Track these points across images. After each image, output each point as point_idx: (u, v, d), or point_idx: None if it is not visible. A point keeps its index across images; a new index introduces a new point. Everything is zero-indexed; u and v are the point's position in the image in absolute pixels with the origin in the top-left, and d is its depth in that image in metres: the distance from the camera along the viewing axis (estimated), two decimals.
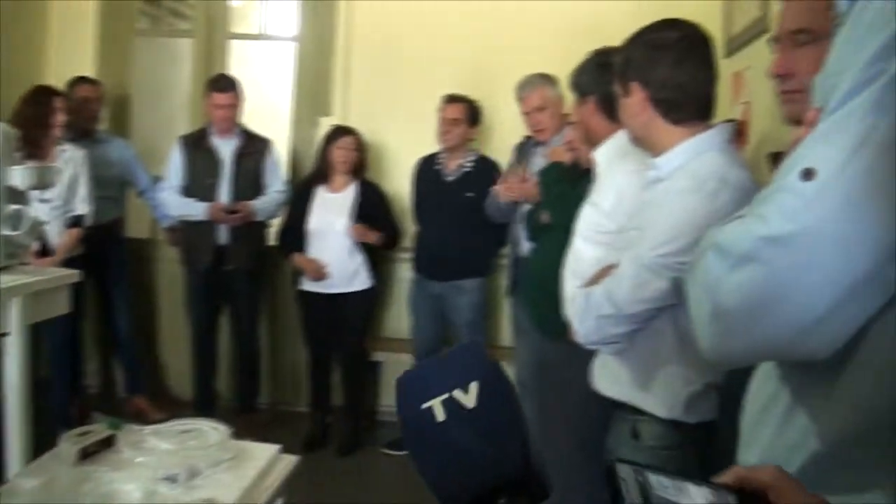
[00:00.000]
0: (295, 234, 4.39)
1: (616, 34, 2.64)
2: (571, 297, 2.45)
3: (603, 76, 2.50)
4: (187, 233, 4.50)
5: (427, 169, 4.44)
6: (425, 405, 0.72)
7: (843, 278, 0.81)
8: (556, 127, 3.67)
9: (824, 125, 0.83)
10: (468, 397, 0.71)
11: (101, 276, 4.54)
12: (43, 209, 3.92)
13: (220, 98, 4.35)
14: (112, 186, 4.61)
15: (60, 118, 4.02)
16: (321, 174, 4.42)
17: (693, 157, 1.86)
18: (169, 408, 4.64)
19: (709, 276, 0.89)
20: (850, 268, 0.81)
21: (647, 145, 1.97)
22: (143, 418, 4.43)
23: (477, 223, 4.20)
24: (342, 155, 4.34)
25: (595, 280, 2.02)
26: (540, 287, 2.78)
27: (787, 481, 0.66)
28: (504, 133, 4.59)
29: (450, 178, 4.33)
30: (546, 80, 3.82)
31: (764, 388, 1.01)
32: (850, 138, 0.80)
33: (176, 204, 4.42)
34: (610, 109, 2.46)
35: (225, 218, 4.31)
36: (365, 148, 4.47)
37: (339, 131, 4.44)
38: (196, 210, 4.34)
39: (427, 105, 4.42)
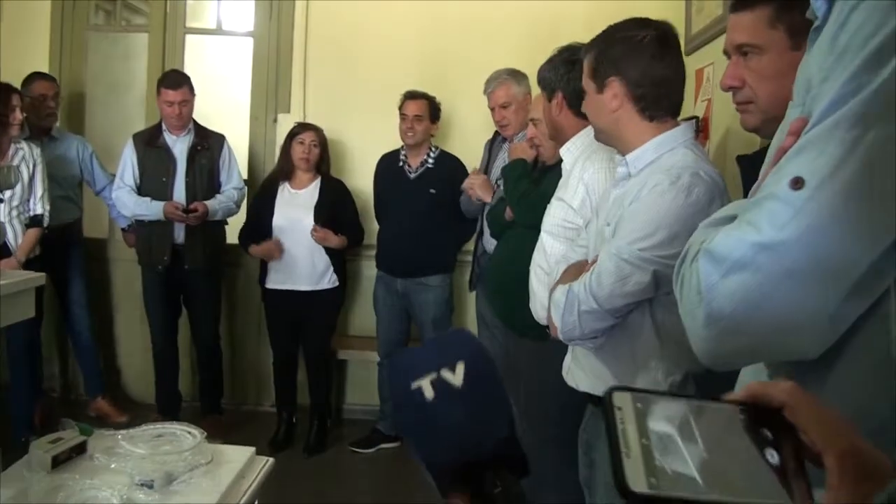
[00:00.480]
0: (256, 232, 4.33)
1: (577, 32, 2.68)
2: (544, 294, 2.47)
3: (571, 72, 2.52)
4: (144, 233, 4.41)
5: (389, 166, 4.43)
6: (415, 385, 0.73)
7: (832, 283, 0.85)
8: (521, 123, 3.68)
9: (812, 134, 0.86)
10: (456, 377, 0.72)
11: (59, 278, 4.45)
12: (2, 210, 3.85)
13: (172, 95, 4.28)
14: (70, 186, 4.53)
15: (18, 116, 3.92)
16: (284, 171, 4.37)
17: (663, 153, 1.89)
18: (130, 410, 4.60)
19: (702, 282, 0.91)
20: (839, 272, 0.84)
21: (615, 141, 1.99)
22: (106, 421, 4.37)
23: (440, 219, 4.20)
24: (301, 151, 4.30)
25: (566, 278, 2.03)
26: (505, 283, 2.79)
27: (803, 397, 0.63)
28: (464, 129, 4.62)
29: (412, 175, 4.32)
30: (513, 76, 3.83)
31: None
32: (837, 148, 0.82)
33: (131, 203, 4.34)
34: (578, 105, 2.49)
35: (181, 216, 4.25)
36: (327, 144, 4.43)
37: (301, 127, 4.39)
38: (152, 210, 4.27)
39: (386, 101, 4.42)
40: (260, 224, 4.33)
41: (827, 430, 0.61)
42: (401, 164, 4.36)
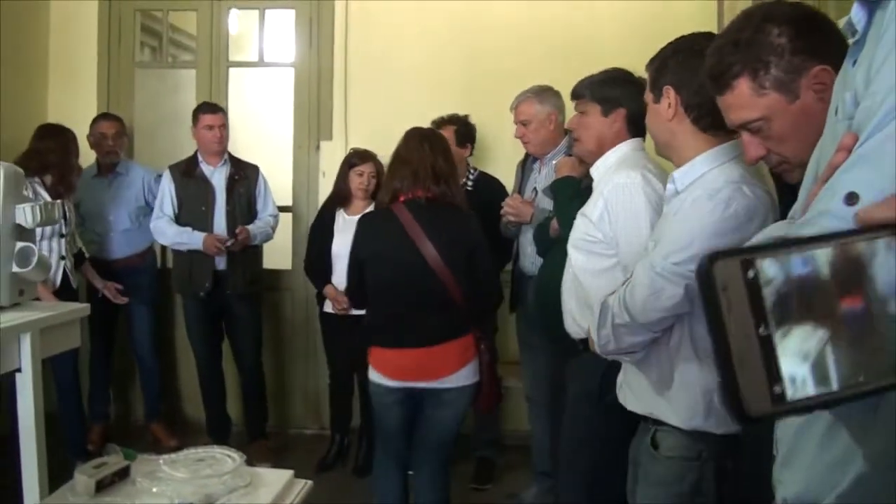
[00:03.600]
0: (322, 262, 4.32)
1: (611, 51, 2.71)
2: (573, 307, 2.48)
3: (635, 91, 2.55)
4: (184, 260, 4.48)
5: None
6: None
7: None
8: (542, 142, 3.71)
9: (864, 149, 0.85)
10: None
11: (127, 305, 4.58)
12: (63, 244, 4.00)
13: (210, 118, 4.40)
14: (138, 217, 4.69)
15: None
16: (340, 198, 4.37)
17: (712, 168, 1.89)
18: (183, 433, 4.70)
19: None
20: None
21: (672, 153, 1.99)
22: (158, 445, 4.47)
23: None
24: (361, 183, 4.28)
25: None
26: (548, 299, 2.79)
27: None
28: (503, 149, 4.62)
29: None
30: (538, 94, 3.80)
31: None
32: (890, 162, 0.82)
33: (171, 233, 4.43)
34: (636, 125, 2.52)
35: (221, 250, 4.34)
36: (383, 171, 4.45)
37: (358, 157, 4.35)
38: (193, 240, 4.36)
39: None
40: (320, 252, 4.35)
41: None
42: None
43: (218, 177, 4.48)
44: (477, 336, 3.07)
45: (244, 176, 4.52)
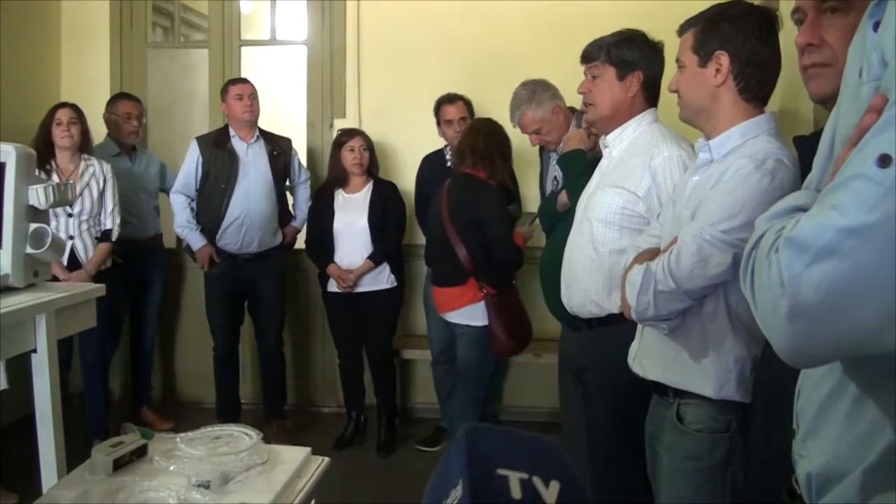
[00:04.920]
0: (323, 241, 4.38)
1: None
2: (591, 286, 2.45)
3: (655, 55, 2.51)
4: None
5: (433, 165, 4.45)
6: (501, 471, 0.63)
7: None
8: (558, 135, 3.52)
9: None
10: (548, 493, 0.62)
11: (139, 287, 4.60)
12: (70, 224, 4.00)
13: (240, 88, 4.37)
14: (156, 197, 4.72)
15: (69, 130, 4.05)
16: (338, 178, 4.41)
17: (748, 139, 1.89)
18: (183, 414, 4.77)
19: (784, 273, 0.85)
20: None
21: (705, 119, 1.96)
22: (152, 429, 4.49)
23: None
24: (354, 158, 4.32)
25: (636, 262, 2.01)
26: (552, 277, 2.75)
27: None
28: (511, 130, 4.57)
29: None
30: (530, 99, 3.58)
31: (826, 379, 0.98)
32: None
33: (181, 220, 4.42)
34: (652, 91, 2.48)
35: (206, 267, 4.42)
36: (373, 146, 4.46)
37: (346, 135, 4.41)
38: (193, 242, 4.39)
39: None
40: (321, 232, 4.39)
41: None
42: (448, 164, 4.35)
43: (252, 154, 4.43)
44: (481, 287, 3.67)
45: (281, 151, 4.53)
